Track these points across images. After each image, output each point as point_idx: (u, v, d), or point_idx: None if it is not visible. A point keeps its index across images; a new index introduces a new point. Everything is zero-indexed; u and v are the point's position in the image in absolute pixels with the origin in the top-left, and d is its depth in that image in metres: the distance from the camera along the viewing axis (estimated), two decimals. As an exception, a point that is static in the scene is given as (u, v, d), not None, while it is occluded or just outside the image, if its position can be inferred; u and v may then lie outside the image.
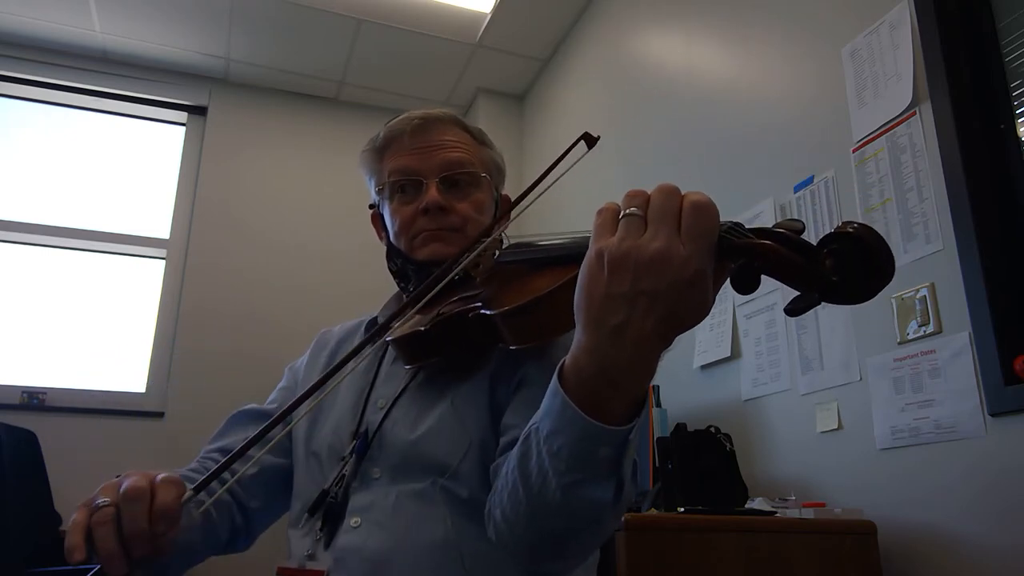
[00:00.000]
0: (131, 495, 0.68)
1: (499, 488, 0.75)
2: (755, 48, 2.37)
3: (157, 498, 0.68)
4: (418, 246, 1.00)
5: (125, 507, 0.67)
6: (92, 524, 0.67)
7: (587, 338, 0.59)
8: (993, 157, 1.64)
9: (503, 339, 0.80)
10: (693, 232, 0.55)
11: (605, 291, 0.57)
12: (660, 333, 0.56)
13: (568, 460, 0.62)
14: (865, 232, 0.53)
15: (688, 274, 0.54)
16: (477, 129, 1.08)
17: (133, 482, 0.69)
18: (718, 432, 1.86)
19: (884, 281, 0.53)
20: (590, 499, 0.64)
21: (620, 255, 0.56)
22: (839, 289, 0.53)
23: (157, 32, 3.77)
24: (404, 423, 0.90)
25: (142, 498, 0.68)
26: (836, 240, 0.53)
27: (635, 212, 0.57)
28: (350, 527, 0.86)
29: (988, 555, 1.49)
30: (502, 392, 0.89)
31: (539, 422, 0.65)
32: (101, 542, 0.66)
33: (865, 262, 0.52)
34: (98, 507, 0.68)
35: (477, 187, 1.03)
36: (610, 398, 0.59)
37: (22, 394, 3.41)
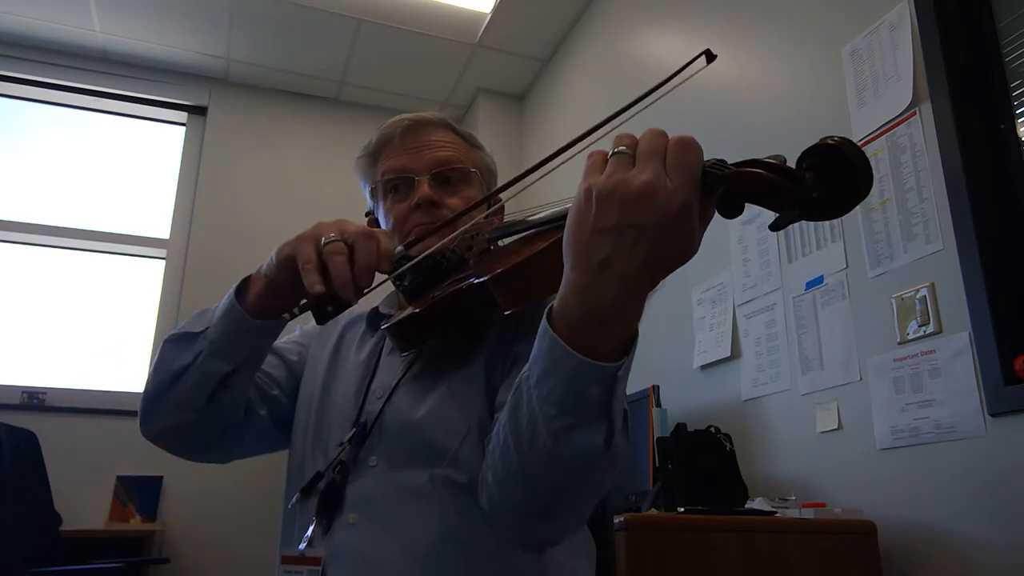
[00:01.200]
0: (367, 233, 0.77)
1: (491, 450, 0.75)
2: (755, 48, 2.37)
3: (382, 241, 0.78)
4: (411, 242, 1.00)
5: (360, 243, 0.76)
6: (327, 254, 0.75)
7: (575, 275, 0.59)
8: (993, 157, 1.64)
9: (497, 305, 0.79)
10: (679, 166, 0.57)
11: (592, 225, 0.57)
12: (647, 269, 0.57)
13: (558, 403, 0.62)
14: (843, 143, 0.54)
15: (675, 207, 0.55)
16: (468, 132, 1.10)
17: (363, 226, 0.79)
18: (718, 432, 1.86)
19: (865, 188, 0.54)
20: (580, 445, 0.63)
21: (607, 189, 0.57)
22: (821, 202, 0.55)
23: (157, 32, 3.77)
24: (403, 410, 0.91)
25: (374, 237, 0.77)
26: (815, 153, 0.55)
27: (623, 150, 0.59)
28: (347, 523, 0.86)
29: (988, 555, 1.49)
30: (498, 374, 0.89)
31: (528, 369, 0.65)
32: (338, 269, 0.74)
33: (844, 171, 0.54)
34: (330, 241, 0.76)
35: (468, 183, 1.04)
36: (599, 336, 0.59)
37: (22, 394, 3.41)
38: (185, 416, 0.91)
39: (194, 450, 0.98)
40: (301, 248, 0.77)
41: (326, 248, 0.75)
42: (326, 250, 0.75)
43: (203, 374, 0.88)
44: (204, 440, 0.96)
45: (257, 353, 0.93)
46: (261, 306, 0.87)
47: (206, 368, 0.88)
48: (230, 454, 1.02)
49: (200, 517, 3.42)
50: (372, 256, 0.76)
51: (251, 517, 3.31)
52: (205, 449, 0.98)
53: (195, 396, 0.89)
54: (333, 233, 0.77)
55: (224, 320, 0.88)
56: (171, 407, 0.91)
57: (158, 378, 0.90)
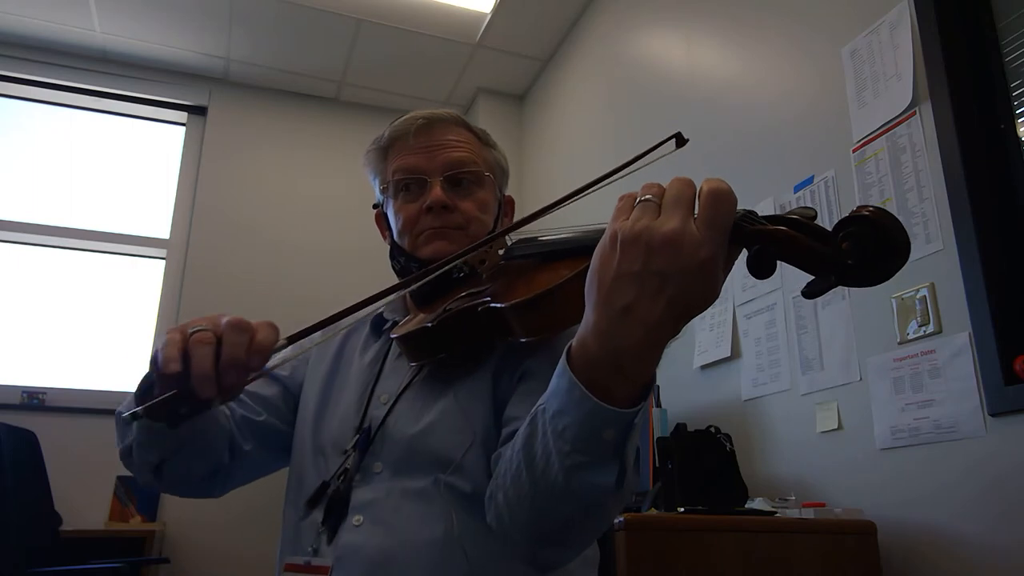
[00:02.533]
0: (237, 325, 0.69)
1: (502, 471, 0.75)
2: (755, 48, 2.37)
3: (257, 335, 0.70)
4: (422, 244, 1.00)
5: (229, 335, 0.69)
6: (191, 344, 0.68)
7: (596, 319, 0.59)
8: (993, 157, 1.64)
9: (512, 332, 0.79)
10: (710, 219, 0.55)
11: (616, 270, 0.57)
12: (668, 317, 0.57)
13: (573, 441, 0.62)
14: (881, 215, 0.53)
15: (700, 258, 0.55)
16: (481, 130, 1.09)
17: (236, 317, 0.71)
18: (718, 432, 1.86)
19: (900, 262, 0.54)
20: (592, 483, 0.64)
21: (633, 235, 0.57)
22: (856, 272, 0.54)
23: (157, 32, 3.77)
24: (407, 417, 0.90)
25: (247, 330, 0.70)
26: (852, 223, 0.54)
27: (650, 198, 0.58)
28: (352, 526, 0.86)
29: (988, 555, 1.49)
30: (505, 385, 0.89)
31: (546, 402, 0.65)
32: (199, 361, 0.67)
33: (882, 244, 0.53)
34: (197, 331, 0.69)
35: (480, 186, 1.03)
36: (616, 381, 0.60)
37: (22, 394, 3.41)
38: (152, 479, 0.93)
39: (182, 493, 0.99)
40: (167, 336, 0.70)
41: (192, 337, 0.68)
42: (191, 339, 0.68)
43: (140, 460, 0.90)
44: (184, 490, 0.97)
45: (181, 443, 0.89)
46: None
47: (140, 456, 0.89)
48: (220, 491, 1.02)
49: (200, 517, 3.42)
50: (239, 351, 0.67)
51: (251, 517, 3.30)
52: (190, 494, 0.99)
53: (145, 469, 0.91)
54: (204, 324, 0.70)
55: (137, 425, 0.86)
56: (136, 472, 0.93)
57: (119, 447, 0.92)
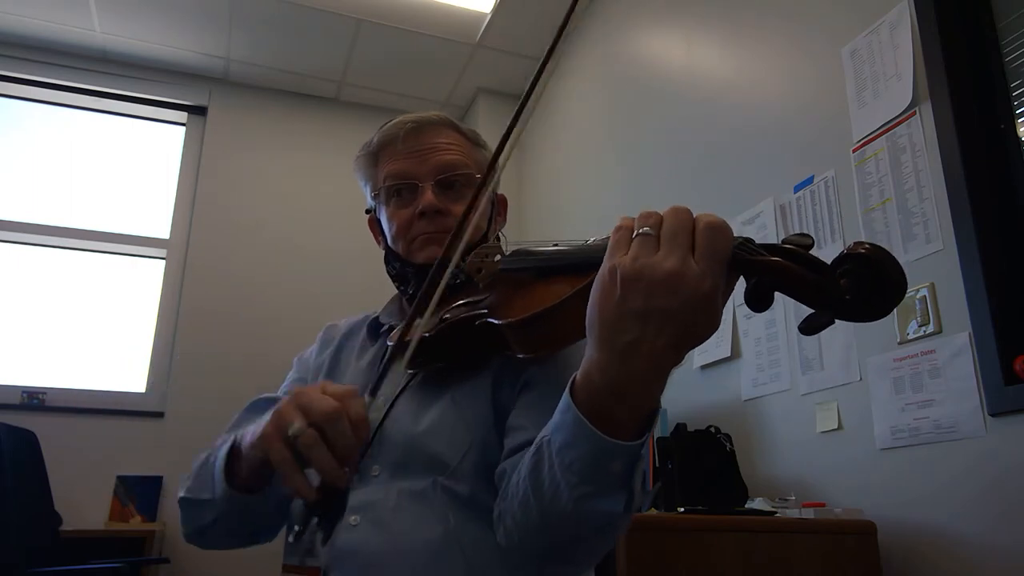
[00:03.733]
0: (332, 415, 0.68)
1: (510, 495, 0.75)
2: (755, 48, 2.37)
3: (351, 412, 0.69)
4: (416, 249, 1.00)
5: (329, 428, 0.68)
6: (304, 451, 0.67)
7: (599, 355, 0.59)
8: (993, 157, 1.64)
9: (510, 348, 0.79)
10: (708, 252, 0.56)
11: (618, 309, 0.57)
12: (671, 349, 0.57)
13: (580, 473, 0.63)
14: (878, 253, 0.54)
15: (702, 292, 0.55)
16: (471, 131, 1.09)
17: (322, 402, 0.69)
18: (718, 432, 1.86)
19: (897, 299, 0.54)
20: (601, 511, 0.65)
21: (633, 273, 0.56)
22: (853, 307, 0.54)
23: (157, 32, 3.77)
24: (405, 420, 0.90)
25: (341, 415, 0.68)
26: (850, 261, 0.54)
27: (648, 232, 0.58)
28: (349, 526, 0.86)
29: (988, 555, 1.49)
30: (505, 392, 0.89)
31: (551, 434, 0.66)
32: (323, 463, 0.67)
33: (879, 283, 0.53)
34: (299, 433, 0.68)
35: (472, 188, 1.02)
36: (621, 413, 0.60)
37: (22, 394, 3.41)
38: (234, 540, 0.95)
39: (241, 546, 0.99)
40: (271, 450, 0.70)
41: (298, 443, 0.68)
42: (299, 445, 0.67)
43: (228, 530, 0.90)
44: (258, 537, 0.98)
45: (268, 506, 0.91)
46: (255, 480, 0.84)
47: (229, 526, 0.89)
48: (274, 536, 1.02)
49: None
50: (348, 437, 0.68)
51: (251, 517, 3.31)
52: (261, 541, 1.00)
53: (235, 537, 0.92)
54: (298, 422, 0.68)
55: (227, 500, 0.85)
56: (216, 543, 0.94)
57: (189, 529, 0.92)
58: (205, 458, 0.91)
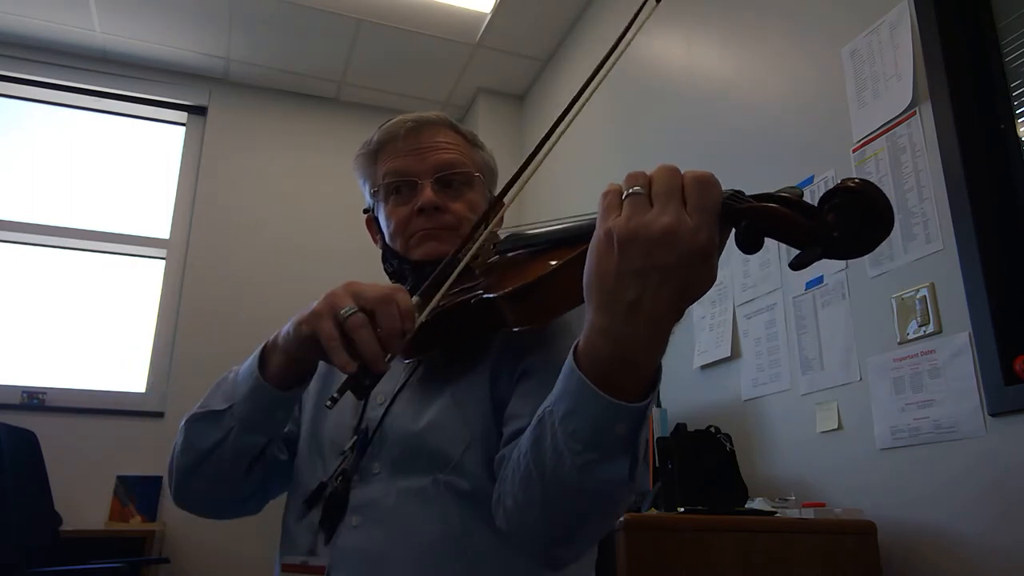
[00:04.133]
0: (384, 299, 0.73)
1: (509, 475, 0.75)
2: (755, 48, 2.37)
3: (399, 301, 0.74)
4: (414, 246, 1.00)
5: (380, 309, 0.73)
6: (351, 331, 0.72)
7: (600, 318, 0.60)
8: (993, 157, 1.64)
9: (506, 322, 0.79)
10: (700, 205, 0.57)
11: (617, 270, 0.58)
12: (672, 306, 0.58)
13: (585, 439, 0.63)
14: (866, 186, 0.55)
15: (698, 245, 0.56)
16: (470, 131, 1.09)
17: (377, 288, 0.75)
18: (718, 432, 1.86)
19: (885, 232, 0.55)
20: (605, 478, 0.64)
21: (629, 232, 0.57)
22: (841, 242, 0.55)
23: (157, 32, 3.77)
24: (405, 417, 0.90)
25: (391, 301, 0.73)
26: (837, 195, 0.55)
27: (638, 191, 0.59)
28: (351, 526, 0.86)
29: (988, 555, 1.49)
30: (503, 383, 0.89)
31: (553, 405, 0.66)
32: (366, 346, 0.71)
33: (866, 214, 0.54)
34: (348, 314, 0.73)
35: (471, 187, 1.03)
36: (626, 375, 0.60)
37: (22, 394, 3.41)
38: (221, 489, 0.92)
39: (229, 513, 0.99)
40: (321, 326, 0.74)
41: (347, 322, 0.72)
42: (347, 324, 0.72)
43: (238, 449, 0.88)
44: (238, 503, 0.97)
45: (288, 419, 0.93)
46: (287, 378, 0.86)
47: (241, 443, 0.88)
48: (261, 505, 1.03)
49: (200, 517, 3.42)
50: (395, 321, 0.72)
51: (251, 517, 3.30)
52: (240, 509, 0.99)
53: (232, 468, 0.90)
54: (349, 303, 0.74)
55: (253, 397, 0.87)
56: (206, 481, 0.91)
57: (188, 457, 0.90)
58: (222, 379, 0.93)
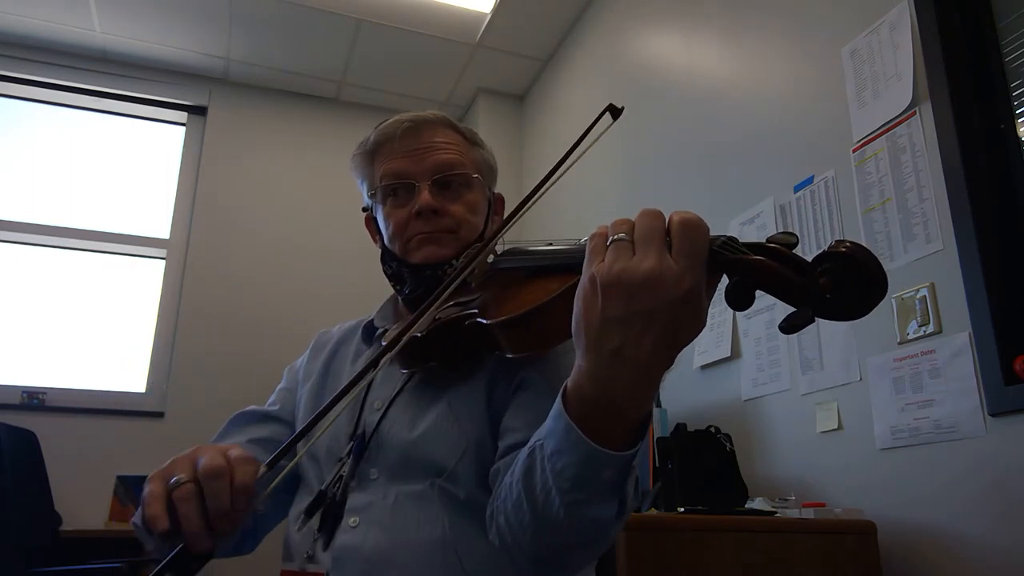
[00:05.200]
0: (213, 472, 0.67)
1: (503, 496, 0.75)
2: (755, 48, 2.37)
3: (236, 475, 0.68)
4: (412, 249, 0.99)
5: (208, 485, 0.67)
6: (175, 500, 0.66)
7: (586, 363, 0.59)
8: (993, 157, 1.64)
9: (500, 348, 0.80)
10: (685, 249, 0.56)
11: (600, 315, 0.57)
12: (658, 352, 0.57)
13: (572, 480, 0.63)
14: (859, 251, 0.53)
15: (682, 291, 0.55)
16: (468, 130, 1.08)
17: (211, 459, 0.68)
18: (718, 432, 1.86)
19: (877, 299, 0.54)
20: (593, 517, 0.65)
21: (612, 278, 0.56)
22: (834, 306, 0.54)
23: (157, 32, 3.77)
24: (401, 424, 0.90)
25: (223, 475, 0.67)
26: (830, 259, 0.54)
27: (622, 237, 0.58)
28: (348, 527, 0.86)
29: (988, 555, 1.49)
30: (500, 394, 0.89)
31: (543, 439, 0.66)
32: (187, 519, 0.65)
33: (859, 281, 0.53)
34: (177, 483, 0.67)
35: (469, 188, 1.02)
36: (611, 421, 0.60)
37: (22, 394, 3.41)
38: None
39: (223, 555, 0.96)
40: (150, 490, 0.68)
41: (174, 493, 0.66)
42: (174, 496, 0.66)
43: None
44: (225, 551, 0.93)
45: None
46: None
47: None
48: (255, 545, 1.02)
49: (200, 517, 3.42)
50: (224, 500, 0.66)
51: (251, 517, 3.30)
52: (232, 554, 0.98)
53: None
54: (183, 474, 0.67)
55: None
56: None
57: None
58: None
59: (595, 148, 0.90)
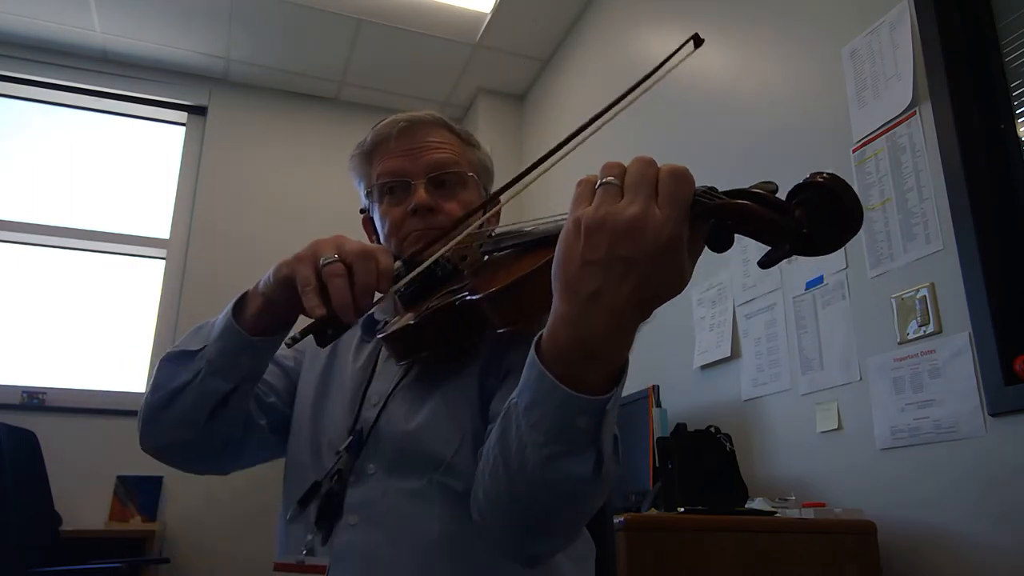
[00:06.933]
0: (364, 254, 0.76)
1: (481, 468, 0.74)
2: (755, 48, 2.37)
3: (381, 260, 0.77)
4: (408, 246, 1.00)
5: (358, 263, 0.75)
6: (326, 275, 0.74)
7: (563, 306, 0.59)
8: (993, 157, 1.64)
9: (490, 323, 0.79)
10: (670, 198, 0.56)
11: (581, 258, 0.57)
12: (635, 301, 0.56)
13: (546, 432, 0.62)
14: (833, 181, 0.54)
15: (664, 239, 0.55)
16: (464, 130, 1.09)
17: (360, 244, 0.77)
18: (718, 432, 1.86)
19: (852, 229, 0.54)
20: (568, 472, 0.63)
21: (596, 221, 0.56)
22: (810, 239, 0.54)
23: (157, 32, 3.77)
24: (398, 417, 0.90)
25: (372, 258, 0.76)
26: (805, 190, 0.55)
27: (612, 181, 0.58)
28: (348, 525, 0.86)
29: (988, 555, 1.49)
30: (491, 383, 0.89)
31: (518, 396, 0.65)
32: (338, 292, 0.73)
33: (834, 210, 0.53)
34: (327, 262, 0.75)
35: (464, 187, 1.03)
36: (587, 368, 0.59)
37: (22, 394, 3.41)
38: (185, 433, 0.90)
39: (194, 464, 0.98)
40: (299, 269, 0.75)
41: (325, 269, 0.74)
42: (325, 271, 0.74)
43: (203, 392, 0.87)
44: (204, 454, 0.95)
45: (257, 370, 0.92)
46: (260, 324, 0.86)
47: (206, 386, 0.87)
48: (231, 466, 1.01)
49: (200, 517, 3.42)
50: (372, 276, 0.75)
51: (251, 517, 3.31)
52: (205, 463, 0.98)
53: (195, 413, 0.88)
54: (331, 253, 0.75)
55: (223, 339, 0.86)
56: (171, 424, 0.89)
57: (156, 395, 0.89)
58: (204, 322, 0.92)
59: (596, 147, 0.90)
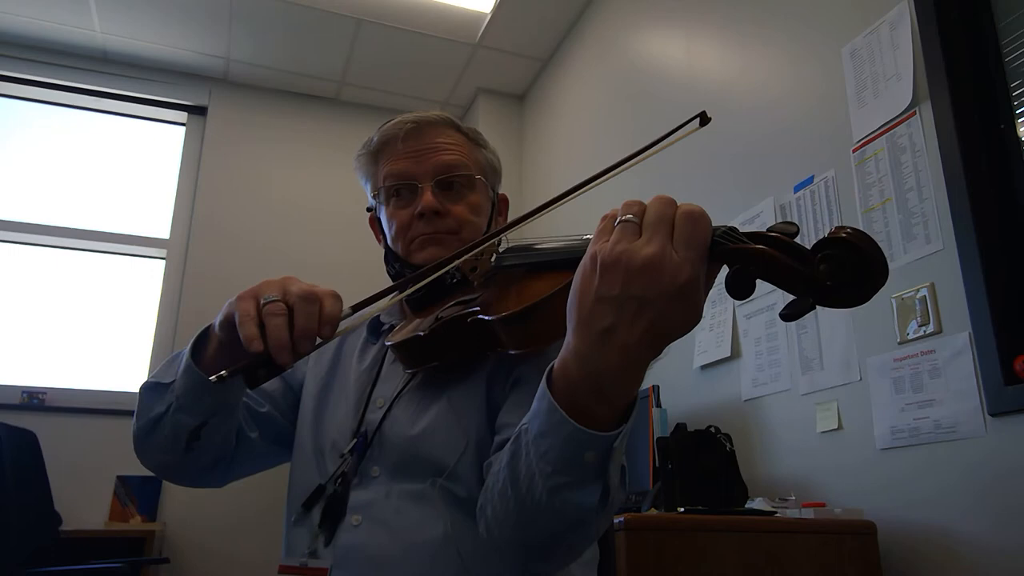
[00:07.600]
0: (308, 296, 0.73)
1: (490, 485, 0.75)
2: (755, 48, 2.37)
3: (325, 305, 0.74)
4: (415, 250, 1.00)
5: (300, 306, 0.72)
6: (266, 315, 0.72)
7: (575, 341, 0.59)
8: (993, 157, 1.64)
9: (501, 344, 0.80)
10: (687, 240, 0.55)
11: (595, 293, 0.57)
12: (648, 340, 0.56)
13: (554, 463, 0.62)
14: (859, 237, 0.53)
15: (680, 282, 0.55)
16: (472, 130, 1.08)
17: (306, 285, 0.75)
18: (718, 432, 1.86)
19: (878, 285, 0.53)
20: (575, 503, 0.64)
21: (612, 258, 0.56)
22: (834, 293, 0.54)
23: (157, 32, 3.77)
24: (403, 422, 0.90)
25: (315, 301, 0.73)
26: (830, 245, 0.54)
27: (631, 219, 0.58)
28: (351, 526, 0.86)
29: (988, 555, 1.49)
30: (498, 391, 0.89)
31: (529, 423, 0.66)
32: (275, 333, 0.70)
33: (859, 267, 0.53)
34: (269, 301, 0.73)
35: (472, 189, 1.03)
36: (596, 404, 0.60)
37: (22, 394, 3.41)
38: (169, 458, 0.91)
39: (186, 481, 0.99)
40: (240, 306, 0.73)
41: (265, 308, 0.72)
42: (265, 310, 0.72)
43: (175, 425, 0.87)
44: (193, 474, 0.96)
45: (224, 407, 0.90)
46: (218, 365, 0.83)
47: (176, 421, 0.87)
48: (223, 481, 1.01)
49: (200, 517, 3.42)
50: (313, 321, 0.72)
51: (252, 517, 3.31)
52: (196, 480, 0.98)
53: (174, 443, 0.89)
54: (275, 293, 0.73)
55: (186, 376, 0.85)
56: (156, 450, 0.91)
57: (139, 423, 0.91)
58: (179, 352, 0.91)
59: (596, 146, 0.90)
